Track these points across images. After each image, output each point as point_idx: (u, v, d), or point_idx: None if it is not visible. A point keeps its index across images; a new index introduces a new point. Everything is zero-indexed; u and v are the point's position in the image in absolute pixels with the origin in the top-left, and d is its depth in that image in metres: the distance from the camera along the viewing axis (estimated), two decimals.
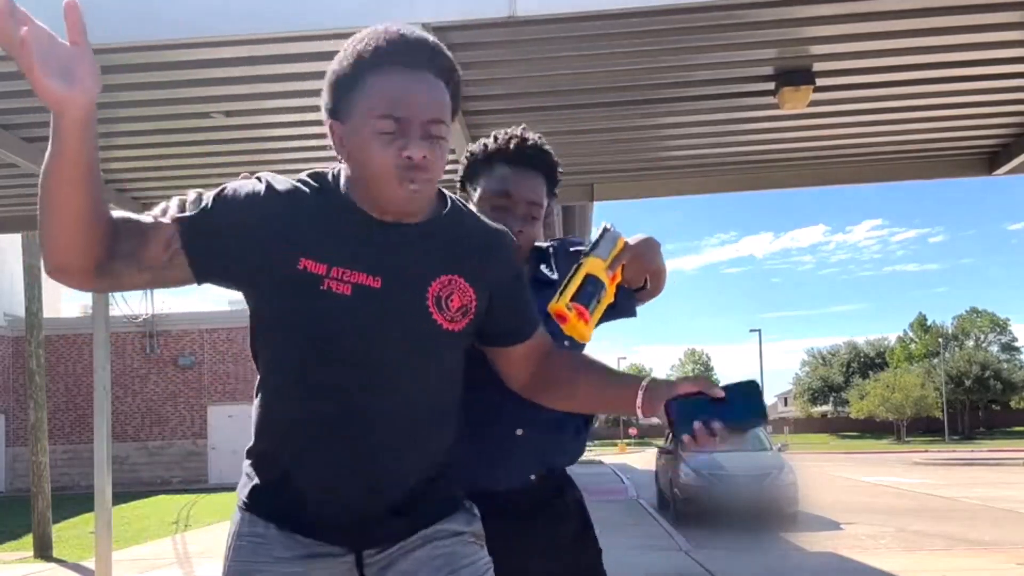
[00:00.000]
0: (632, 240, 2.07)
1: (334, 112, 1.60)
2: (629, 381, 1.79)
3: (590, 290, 1.93)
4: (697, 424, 1.64)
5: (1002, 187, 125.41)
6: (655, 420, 1.88)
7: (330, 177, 1.65)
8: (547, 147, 2.22)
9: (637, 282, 2.11)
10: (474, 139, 7.60)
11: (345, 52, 1.60)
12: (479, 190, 2.16)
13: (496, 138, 2.21)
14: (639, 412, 1.72)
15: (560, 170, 2.28)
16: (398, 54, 1.56)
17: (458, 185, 2.26)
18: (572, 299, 1.89)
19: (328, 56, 1.70)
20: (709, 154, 7.71)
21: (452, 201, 1.73)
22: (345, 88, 1.58)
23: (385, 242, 1.58)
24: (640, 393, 1.72)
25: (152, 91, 5.80)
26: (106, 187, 8.10)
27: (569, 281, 1.93)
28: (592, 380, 1.82)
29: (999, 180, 8.24)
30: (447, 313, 1.62)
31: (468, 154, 2.24)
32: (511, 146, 2.17)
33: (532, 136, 2.21)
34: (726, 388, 1.71)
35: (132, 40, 4.97)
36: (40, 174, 1.46)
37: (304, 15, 4.79)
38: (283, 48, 5.18)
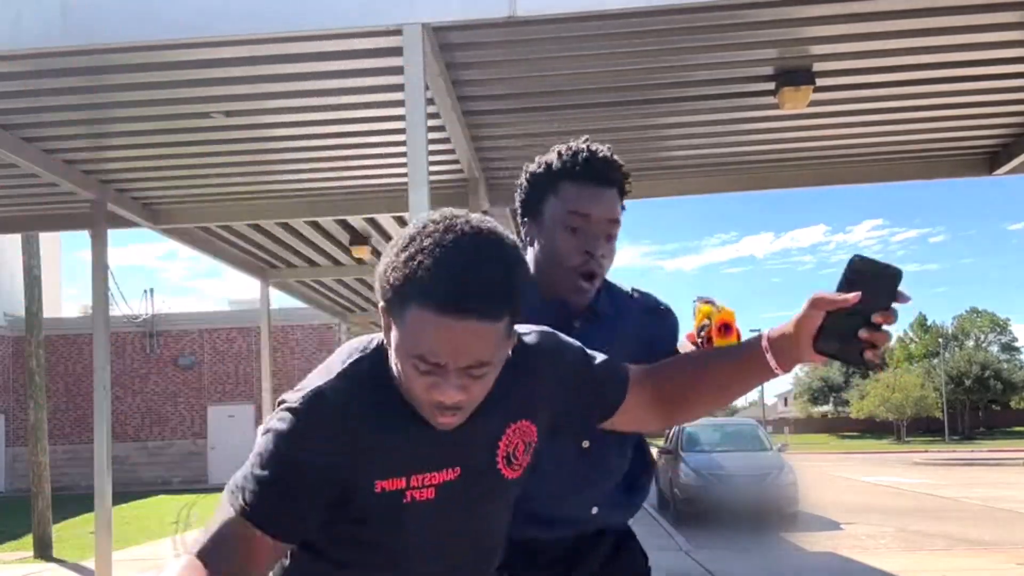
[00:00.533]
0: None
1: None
2: (743, 351, 1.66)
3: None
4: (864, 333, 1.47)
5: (1002, 187, 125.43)
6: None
7: (368, 373, 1.45)
8: (617, 158, 2.03)
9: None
10: (474, 139, 7.63)
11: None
12: (548, 213, 1.97)
13: (560, 154, 2.00)
14: (779, 372, 1.57)
15: (630, 180, 2.08)
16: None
17: (516, 214, 2.11)
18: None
19: (328, 56, 1.68)
20: (709, 154, 7.71)
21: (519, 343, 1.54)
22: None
23: (452, 432, 1.45)
24: (768, 356, 1.57)
25: (152, 91, 5.79)
26: (106, 187, 8.12)
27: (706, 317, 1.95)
28: (708, 372, 1.68)
29: (1000, 180, 8.24)
30: (515, 463, 1.56)
31: (528, 176, 2.04)
32: (579, 161, 1.97)
33: (601, 148, 2.01)
34: (848, 282, 1.50)
35: (132, 40, 4.97)
36: None
37: (304, 15, 4.79)
38: (283, 48, 5.18)
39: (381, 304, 1.37)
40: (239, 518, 1.37)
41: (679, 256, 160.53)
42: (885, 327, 1.48)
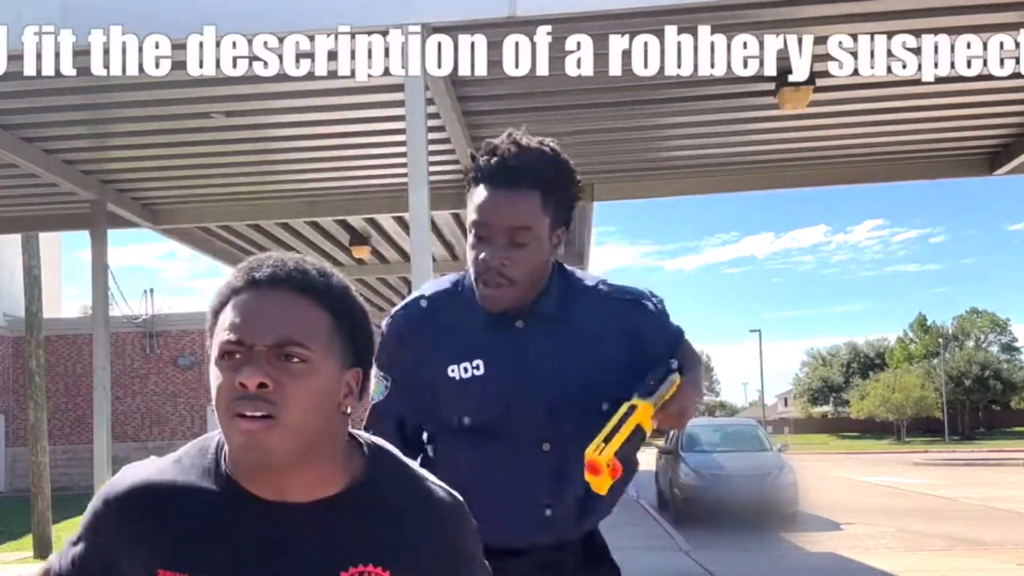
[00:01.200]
0: (683, 385, 1.85)
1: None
2: None
3: (635, 443, 1.74)
4: None
5: (1003, 187, 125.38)
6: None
7: (214, 447, 1.29)
8: (544, 149, 1.83)
9: (662, 427, 1.87)
10: (474, 139, 7.63)
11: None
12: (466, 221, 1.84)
13: (472, 155, 1.87)
14: None
15: (569, 175, 1.88)
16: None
17: None
18: (616, 453, 1.69)
19: (328, 56, 1.67)
20: (709, 154, 7.72)
21: (379, 463, 1.30)
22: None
23: (269, 535, 1.22)
24: None
25: (152, 91, 5.79)
26: (106, 187, 8.11)
27: (616, 430, 1.71)
28: None
29: (1000, 180, 8.25)
30: None
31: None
32: (480, 163, 1.81)
33: (518, 141, 1.82)
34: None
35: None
36: None
37: (304, 15, 4.79)
38: (283, 48, 5.17)
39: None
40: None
41: (679, 256, 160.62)
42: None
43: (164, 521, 1.25)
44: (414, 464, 1.36)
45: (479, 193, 1.81)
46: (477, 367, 1.85)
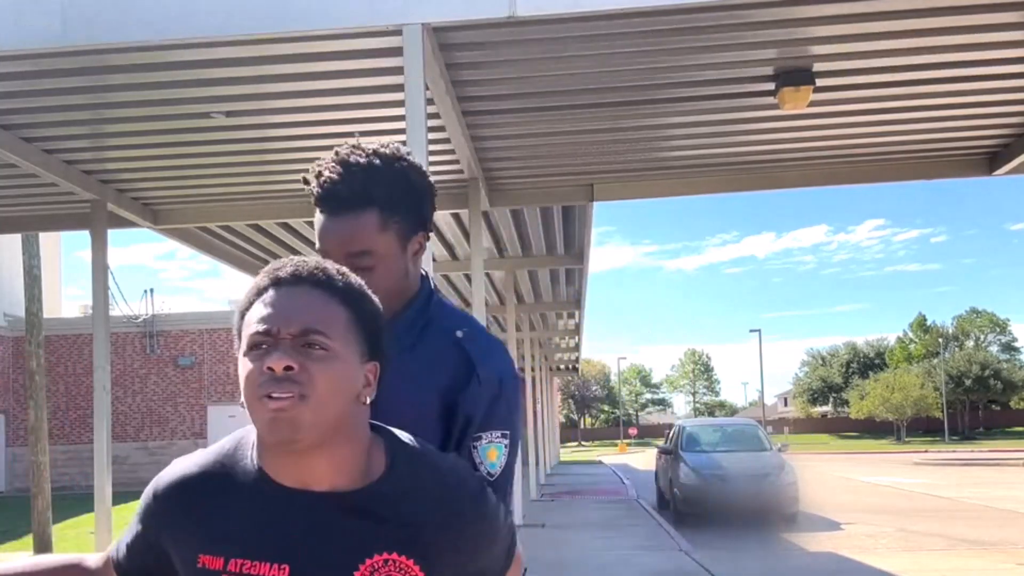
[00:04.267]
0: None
1: None
2: None
3: None
4: None
5: (1004, 187, 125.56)
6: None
7: (250, 440, 1.39)
8: (373, 161, 1.65)
9: None
10: (474, 139, 7.62)
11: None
12: None
13: (307, 178, 1.70)
14: None
15: (407, 181, 1.68)
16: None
17: None
18: None
19: (328, 56, 1.66)
20: (709, 154, 7.72)
21: (399, 454, 1.36)
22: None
23: (297, 522, 1.31)
24: None
25: (152, 91, 5.80)
26: (106, 187, 8.12)
27: None
28: None
29: (1001, 180, 8.25)
30: None
31: None
32: (314, 189, 1.66)
33: (344, 159, 1.65)
34: None
35: (132, 40, 4.97)
36: None
37: (305, 15, 4.79)
38: (283, 48, 5.18)
39: None
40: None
41: (680, 256, 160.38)
42: None
43: (203, 510, 1.36)
44: (437, 452, 1.42)
45: (317, 219, 1.68)
46: None
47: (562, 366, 36.02)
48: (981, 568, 9.71)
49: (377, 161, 1.66)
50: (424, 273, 1.79)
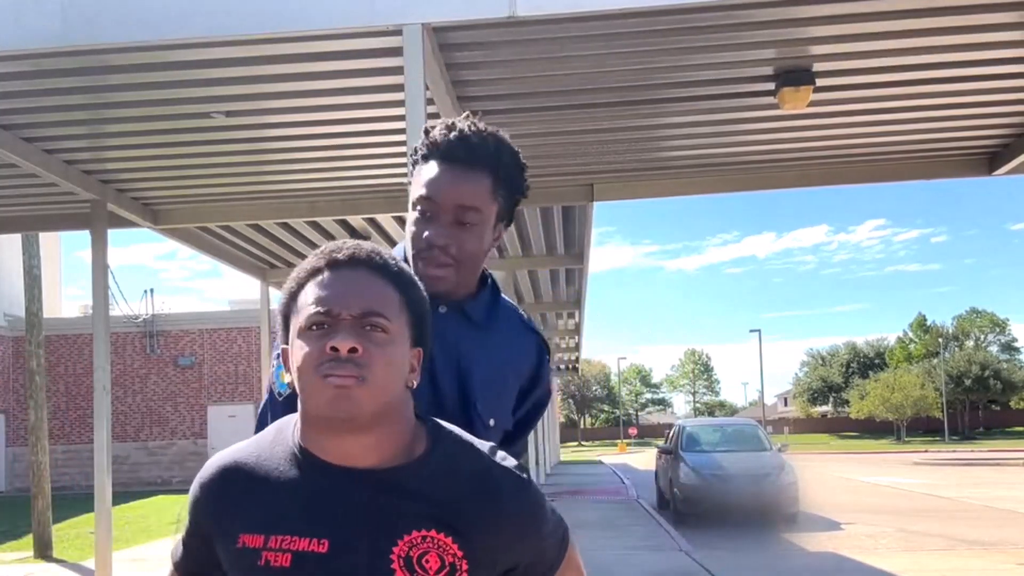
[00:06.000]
0: None
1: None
2: None
3: None
4: None
5: (1005, 187, 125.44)
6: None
7: (291, 426, 1.43)
8: (502, 137, 1.76)
9: None
10: None
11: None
12: (409, 195, 1.76)
13: (426, 131, 1.77)
14: None
15: (522, 169, 1.80)
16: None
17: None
18: None
19: (328, 56, 1.66)
20: (709, 154, 7.72)
21: (440, 439, 1.40)
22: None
23: (337, 497, 1.34)
24: None
25: (152, 91, 5.80)
26: (106, 187, 8.11)
27: None
28: None
29: (1002, 180, 8.25)
30: (418, 573, 1.31)
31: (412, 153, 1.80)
32: (434, 138, 1.73)
33: (476, 125, 1.74)
34: None
35: (132, 40, 4.97)
36: None
37: (304, 15, 4.79)
38: (283, 48, 5.18)
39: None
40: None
41: (681, 256, 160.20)
42: None
43: (243, 493, 1.39)
44: (478, 441, 1.44)
45: (430, 168, 1.72)
46: None
47: (562, 366, 36.00)
48: (981, 568, 9.71)
49: (505, 138, 1.76)
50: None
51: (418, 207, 1.73)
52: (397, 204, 8.28)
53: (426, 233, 1.70)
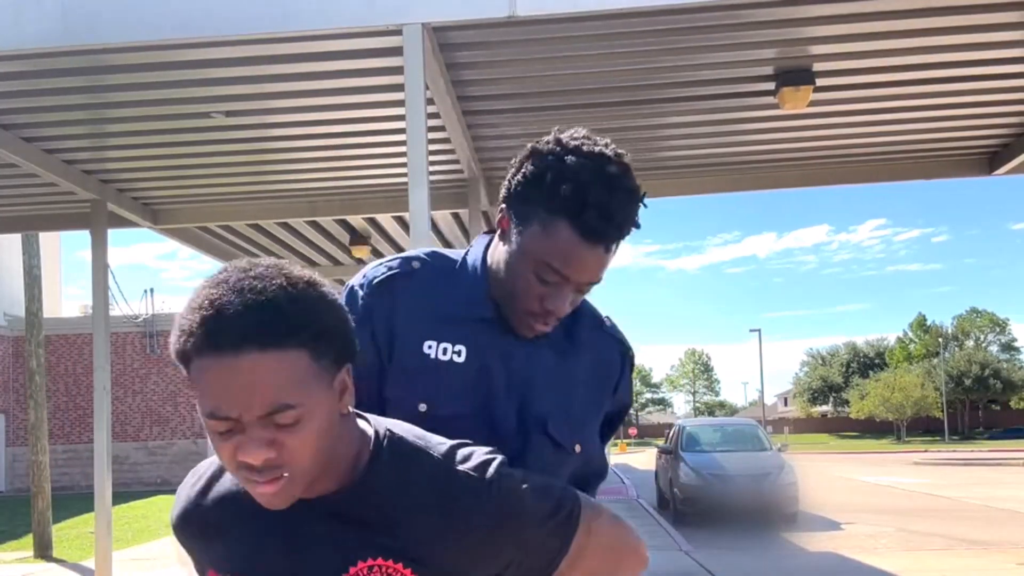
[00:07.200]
0: None
1: None
2: None
3: None
4: None
5: (1005, 187, 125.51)
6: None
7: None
8: (638, 200, 1.63)
9: None
10: (474, 139, 7.61)
11: None
12: (527, 235, 1.55)
13: (572, 176, 1.53)
14: None
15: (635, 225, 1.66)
16: None
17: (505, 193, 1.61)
18: None
19: (328, 56, 1.66)
20: (709, 154, 7.72)
21: (382, 446, 1.27)
22: None
23: (283, 531, 1.26)
24: None
25: (152, 91, 5.80)
26: (106, 187, 8.11)
27: None
28: None
29: (1003, 180, 8.25)
30: None
31: (529, 172, 1.56)
32: (587, 213, 1.52)
33: (616, 192, 1.57)
34: None
35: (132, 40, 4.97)
36: None
37: (304, 15, 4.79)
38: (283, 48, 5.18)
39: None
40: None
41: (681, 256, 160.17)
42: None
43: (207, 533, 1.37)
44: (431, 444, 1.29)
45: (569, 238, 1.53)
46: (459, 352, 1.61)
47: None
48: (981, 568, 9.71)
49: (638, 199, 1.66)
50: None
51: (545, 273, 1.55)
52: (397, 204, 8.28)
53: (548, 303, 1.58)
